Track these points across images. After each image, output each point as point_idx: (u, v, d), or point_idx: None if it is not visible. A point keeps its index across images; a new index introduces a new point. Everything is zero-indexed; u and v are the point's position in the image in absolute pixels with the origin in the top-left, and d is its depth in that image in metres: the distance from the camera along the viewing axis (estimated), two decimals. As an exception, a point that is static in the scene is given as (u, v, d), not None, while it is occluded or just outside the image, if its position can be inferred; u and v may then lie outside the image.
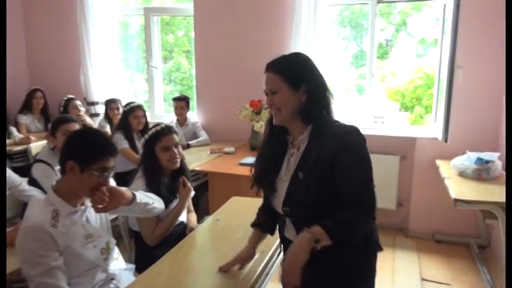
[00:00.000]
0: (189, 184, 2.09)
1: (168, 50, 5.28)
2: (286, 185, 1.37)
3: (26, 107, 4.26)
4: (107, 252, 1.59)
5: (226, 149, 3.52)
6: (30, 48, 4.83)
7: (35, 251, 1.36)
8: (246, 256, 1.53)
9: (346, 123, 1.36)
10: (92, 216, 1.60)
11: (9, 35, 4.59)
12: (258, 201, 1.60)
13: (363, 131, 1.32)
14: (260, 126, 3.42)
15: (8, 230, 1.88)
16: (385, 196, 3.46)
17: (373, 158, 1.28)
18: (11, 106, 4.18)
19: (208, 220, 2.05)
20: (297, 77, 1.33)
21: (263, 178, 1.46)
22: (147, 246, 1.97)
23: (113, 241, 1.65)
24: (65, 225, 1.46)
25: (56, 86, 4.59)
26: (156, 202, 1.75)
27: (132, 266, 1.91)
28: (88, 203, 1.59)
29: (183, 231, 2.09)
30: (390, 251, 3.22)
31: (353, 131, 1.31)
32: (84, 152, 1.46)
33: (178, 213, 2.05)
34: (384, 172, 3.41)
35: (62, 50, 4.66)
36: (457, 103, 3.01)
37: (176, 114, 3.96)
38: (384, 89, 5.64)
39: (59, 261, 1.41)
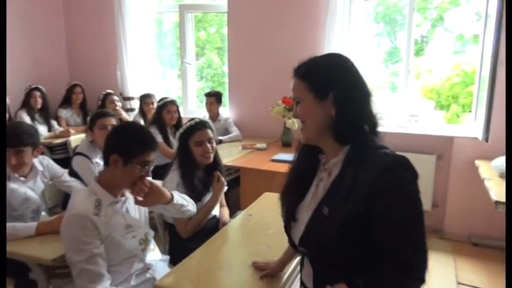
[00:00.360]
0: (223, 179, 2.12)
1: (199, 47, 5.34)
2: (309, 217, 1.12)
3: (66, 101, 4.44)
4: (145, 243, 1.64)
5: (258, 145, 3.53)
6: (70, 46, 5.01)
7: (79, 238, 1.42)
8: (275, 268, 1.48)
9: (396, 153, 1.04)
10: (131, 207, 1.66)
11: (51, 34, 4.80)
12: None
13: (397, 129, 1.16)
14: (292, 123, 3.41)
15: (51, 218, 1.97)
16: (419, 196, 3.38)
17: (408, 157, 1.08)
18: (52, 101, 4.35)
19: (241, 215, 2.06)
20: (324, 82, 1.07)
21: (285, 198, 1.23)
22: (181, 239, 2.02)
23: (151, 233, 1.70)
24: (107, 214, 1.52)
25: (94, 82, 4.75)
26: (190, 205, 1.79)
27: (167, 257, 1.95)
28: (128, 194, 1.65)
29: (215, 225, 2.13)
30: (424, 252, 3.13)
31: (403, 163, 1.00)
32: (128, 146, 1.51)
33: (212, 207, 2.09)
34: (418, 171, 3.32)
35: (100, 47, 4.81)
36: (499, 101, 2.88)
37: (207, 109, 4.01)
38: (418, 86, 5.48)
39: (101, 248, 1.47)
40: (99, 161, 2.52)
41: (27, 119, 3.94)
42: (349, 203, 1.01)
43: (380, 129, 1.11)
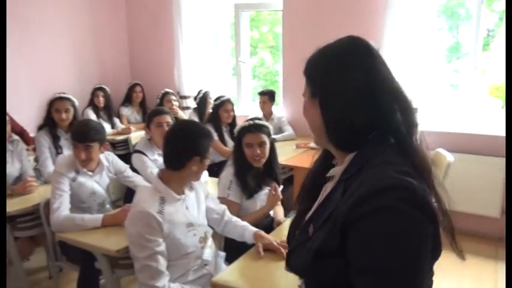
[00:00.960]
0: (279, 192, 2.13)
1: (252, 46, 5.37)
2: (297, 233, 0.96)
3: (127, 100, 4.68)
4: (204, 241, 1.68)
5: (312, 144, 3.48)
6: (132, 47, 5.25)
7: (143, 235, 1.48)
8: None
9: (400, 171, 0.75)
10: (191, 205, 1.70)
11: (115, 38, 5.06)
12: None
13: (461, 130, 0.82)
14: (348, 122, 3.32)
15: (115, 211, 2.08)
16: (487, 202, 3.16)
17: (473, 159, 0.81)
18: (115, 99, 4.60)
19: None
20: (315, 75, 0.89)
21: (298, 205, 1.03)
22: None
23: (210, 231, 1.74)
24: (170, 212, 1.57)
25: (153, 81, 4.95)
26: None
27: (223, 254, 1.98)
28: (187, 191, 1.70)
29: (270, 224, 2.13)
30: (492, 262, 2.92)
31: (397, 186, 0.72)
32: (206, 146, 1.63)
33: (263, 215, 2.13)
34: (485, 175, 3.11)
35: (159, 48, 5.00)
36: None
37: (260, 108, 4.03)
38: (484, 84, 5.12)
39: (162, 246, 1.52)
40: (157, 157, 2.61)
41: (93, 116, 4.19)
42: (327, 226, 0.80)
43: (402, 136, 0.83)
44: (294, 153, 3.36)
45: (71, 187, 2.13)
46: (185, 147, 1.59)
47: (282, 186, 2.23)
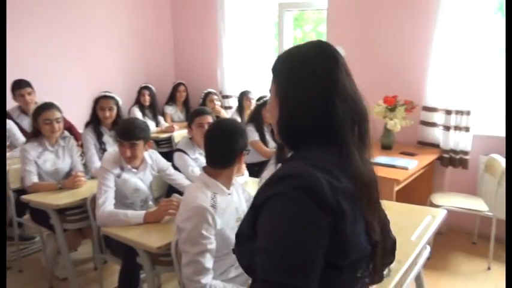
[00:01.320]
0: None
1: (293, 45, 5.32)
2: None
3: (171, 99, 4.79)
4: None
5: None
6: (177, 47, 5.36)
7: (199, 231, 1.51)
8: None
9: (311, 164, 0.80)
10: (236, 200, 1.73)
11: (161, 39, 5.19)
12: (397, 206, 1.47)
13: None
14: (394, 124, 3.20)
15: (155, 208, 2.11)
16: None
17: None
18: (160, 98, 4.73)
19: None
20: (279, 75, 0.93)
21: None
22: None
23: None
24: (222, 206, 1.60)
25: (196, 80, 5.03)
26: None
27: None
28: (232, 188, 1.72)
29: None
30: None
31: (294, 175, 0.78)
32: (246, 140, 1.70)
33: None
34: None
35: (203, 47, 5.07)
36: None
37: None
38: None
39: (213, 244, 1.54)
40: (198, 156, 2.64)
41: (139, 114, 4.32)
42: (248, 212, 0.90)
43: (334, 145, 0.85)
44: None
45: (115, 183, 2.20)
46: (234, 145, 1.63)
47: None
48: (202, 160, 2.62)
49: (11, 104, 3.52)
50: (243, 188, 1.90)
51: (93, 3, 4.43)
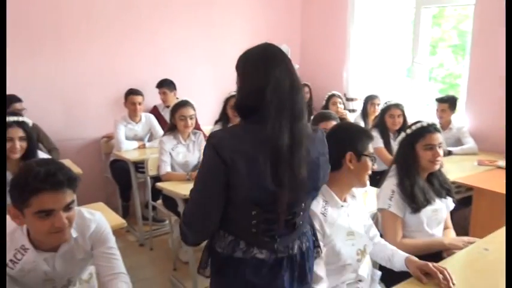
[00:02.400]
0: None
1: (431, 45, 4.84)
2: None
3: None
4: (362, 254, 1.57)
5: (500, 163, 2.92)
6: (303, 48, 5.37)
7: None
8: None
9: (228, 129, 1.46)
10: (352, 213, 1.62)
11: (289, 37, 5.24)
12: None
13: None
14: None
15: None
16: None
17: None
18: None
19: (472, 247, 1.72)
20: (237, 70, 1.34)
21: None
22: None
23: (370, 246, 1.62)
24: (333, 216, 1.52)
25: (321, 82, 4.96)
26: None
27: (379, 273, 1.82)
28: (349, 199, 1.62)
29: (438, 250, 1.86)
30: None
31: (211, 135, 1.24)
32: (360, 140, 1.53)
33: (438, 246, 1.87)
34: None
35: (330, 48, 4.97)
36: None
37: (438, 116, 3.58)
38: None
39: (324, 252, 1.47)
40: None
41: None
42: None
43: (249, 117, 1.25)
44: (475, 171, 2.88)
45: None
46: (338, 142, 1.51)
47: (453, 206, 2.00)
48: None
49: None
50: (362, 202, 1.77)
51: (229, 5, 4.70)
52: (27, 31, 3.56)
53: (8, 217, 1.31)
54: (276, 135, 1.17)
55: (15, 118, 2.10)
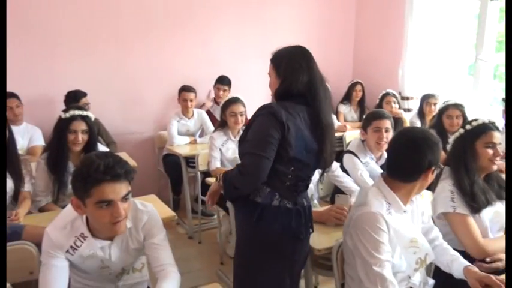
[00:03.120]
0: None
1: (497, 41, 4.50)
2: None
3: (346, 97, 4.71)
4: (421, 263, 1.51)
5: None
6: (357, 44, 5.23)
7: (374, 236, 1.41)
8: None
9: (280, 104, 1.61)
10: (414, 221, 1.57)
11: (341, 33, 5.13)
12: None
13: None
14: None
15: (321, 208, 2.08)
16: None
17: None
18: (334, 96, 4.67)
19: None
20: (280, 63, 1.69)
21: None
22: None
23: (432, 256, 1.55)
24: (396, 221, 1.47)
25: (375, 80, 4.81)
26: None
27: (432, 282, 1.73)
28: (409, 205, 1.55)
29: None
30: None
31: (266, 106, 1.59)
32: (438, 155, 1.48)
33: None
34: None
35: (385, 45, 4.80)
36: None
37: (503, 117, 3.33)
38: None
39: (389, 255, 1.43)
40: (368, 160, 2.51)
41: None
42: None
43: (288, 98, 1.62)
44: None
45: None
46: (420, 161, 1.45)
47: None
48: (373, 165, 2.48)
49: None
50: (423, 206, 1.69)
51: (281, 2, 4.67)
52: (91, 32, 3.79)
53: (69, 206, 1.40)
54: (324, 114, 1.63)
55: (79, 112, 2.23)
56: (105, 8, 3.83)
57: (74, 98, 3.47)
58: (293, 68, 1.60)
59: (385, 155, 2.54)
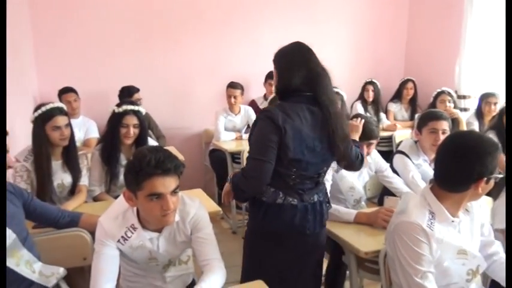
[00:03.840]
0: None
1: None
2: None
3: (397, 96, 4.53)
4: (473, 274, 1.42)
5: None
6: (410, 41, 5.02)
7: (413, 248, 1.35)
8: None
9: (278, 104, 1.66)
10: (463, 229, 1.47)
11: (394, 30, 4.94)
12: None
13: None
14: None
15: (369, 209, 2.02)
16: None
17: None
18: (384, 94, 4.52)
19: None
20: (278, 61, 1.72)
21: None
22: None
23: (484, 266, 1.45)
24: (440, 231, 1.39)
25: (428, 77, 4.59)
26: None
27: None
28: (462, 215, 1.46)
29: None
30: None
31: (265, 110, 1.66)
32: (495, 164, 1.35)
33: None
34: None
35: (441, 41, 4.55)
36: None
37: None
38: None
39: (432, 266, 1.36)
40: (421, 163, 2.39)
41: (361, 110, 4.27)
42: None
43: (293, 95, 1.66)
44: None
45: (333, 177, 2.21)
46: (468, 171, 1.33)
47: None
48: (426, 168, 2.36)
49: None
50: (481, 214, 1.57)
51: (332, 1, 4.59)
52: (144, 30, 3.95)
53: (121, 198, 1.46)
54: (328, 102, 1.65)
55: (131, 107, 2.31)
56: (157, 6, 3.95)
57: (127, 93, 3.62)
58: (290, 64, 1.64)
59: None
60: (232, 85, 3.87)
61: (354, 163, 1.79)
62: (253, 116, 3.96)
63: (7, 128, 1.68)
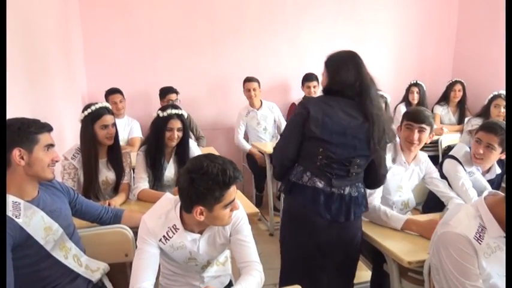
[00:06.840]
0: None
1: None
2: None
3: (444, 98, 4.33)
4: None
5: None
6: (459, 42, 4.79)
7: (464, 264, 1.30)
8: None
9: (317, 96, 1.90)
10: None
11: (442, 31, 4.71)
12: None
13: None
14: None
15: (420, 217, 1.92)
16: None
17: None
18: (430, 97, 4.33)
19: None
20: (330, 65, 1.85)
21: None
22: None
23: None
24: (490, 246, 1.31)
25: (478, 79, 4.35)
26: None
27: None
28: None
29: None
30: None
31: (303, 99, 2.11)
32: None
33: None
34: None
35: (492, 39, 4.30)
36: None
37: None
38: None
39: (480, 281, 1.30)
40: (473, 171, 2.26)
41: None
42: None
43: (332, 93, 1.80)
44: None
45: None
46: None
47: None
48: (478, 176, 2.25)
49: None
50: None
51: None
52: (186, 34, 4.04)
53: (164, 198, 1.49)
54: (372, 107, 1.74)
55: (175, 111, 2.35)
56: (200, 12, 4.03)
57: (164, 94, 3.72)
58: (341, 69, 1.75)
59: (497, 168, 2.29)
60: (248, 79, 3.89)
61: (379, 171, 1.84)
62: (279, 113, 4.01)
63: (55, 127, 1.75)
